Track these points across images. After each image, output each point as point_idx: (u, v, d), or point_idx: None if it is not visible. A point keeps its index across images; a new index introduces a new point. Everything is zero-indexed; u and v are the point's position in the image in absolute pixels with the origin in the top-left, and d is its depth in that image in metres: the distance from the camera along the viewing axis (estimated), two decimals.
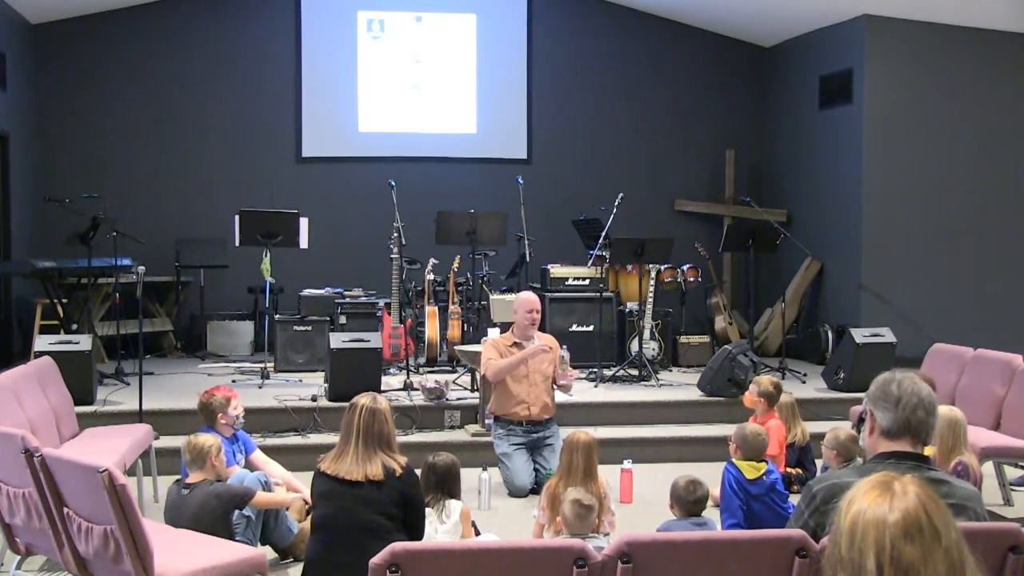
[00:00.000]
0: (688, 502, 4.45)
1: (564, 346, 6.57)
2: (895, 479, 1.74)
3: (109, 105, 10.59)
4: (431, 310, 9.14)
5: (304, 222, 8.54)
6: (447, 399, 7.55)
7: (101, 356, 8.77)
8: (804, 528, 2.74)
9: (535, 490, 6.09)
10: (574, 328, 9.13)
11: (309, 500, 4.90)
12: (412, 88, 11.15)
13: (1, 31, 9.40)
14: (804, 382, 8.63)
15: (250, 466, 5.35)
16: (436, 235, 8.83)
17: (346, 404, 4.22)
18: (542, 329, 7.04)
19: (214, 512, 4.38)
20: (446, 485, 4.69)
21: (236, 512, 4.62)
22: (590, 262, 9.44)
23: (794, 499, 3.67)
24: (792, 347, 9.98)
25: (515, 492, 6.26)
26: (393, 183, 8.58)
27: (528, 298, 6.61)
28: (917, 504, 1.69)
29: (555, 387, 6.58)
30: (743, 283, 11.09)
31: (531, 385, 6.41)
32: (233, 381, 8.20)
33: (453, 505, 4.66)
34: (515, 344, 6.49)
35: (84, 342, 7.22)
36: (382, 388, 7.56)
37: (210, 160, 10.74)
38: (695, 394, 8.04)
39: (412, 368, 8.27)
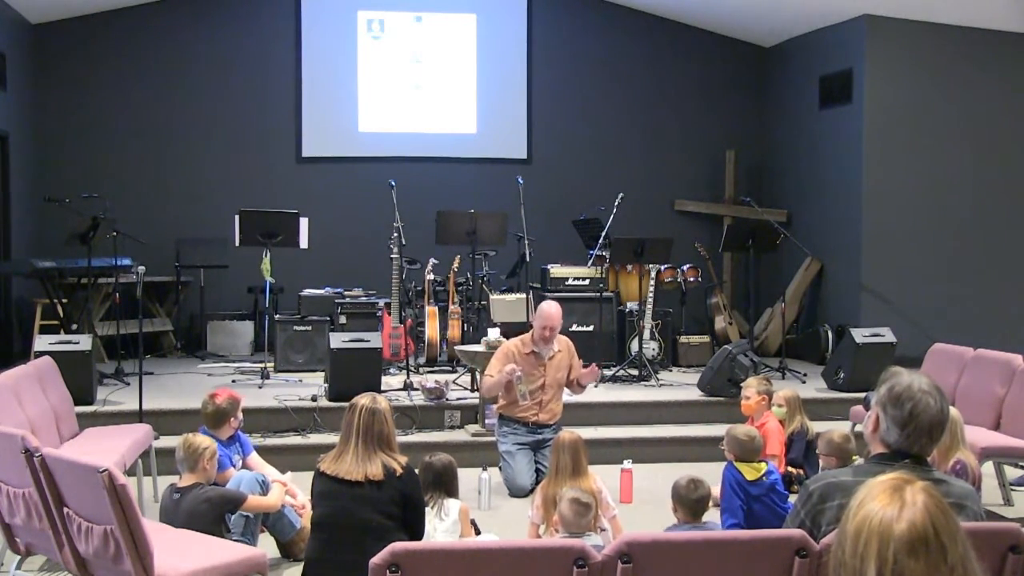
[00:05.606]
0: (690, 500, 4.43)
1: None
2: (907, 483, 1.70)
3: (109, 105, 10.60)
4: (431, 310, 9.14)
5: (304, 222, 8.54)
6: (447, 399, 7.54)
7: (101, 356, 8.76)
8: (800, 526, 2.74)
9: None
10: (574, 328, 9.11)
11: (304, 504, 4.91)
12: (412, 88, 11.15)
13: (1, 31, 9.40)
14: (804, 382, 8.62)
15: (246, 468, 5.33)
16: (436, 235, 8.83)
17: (346, 404, 4.22)
18: None
19: (205, 517, 4.36)
20: (443, 483, 4.69)
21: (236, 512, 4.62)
22: (590, 262, 9.43)
23: (794, 499, 3.67)
24: (792, 347, 9.98)
25: (516, 492, 6.26)
26: (393, 183, 8.58)
27: (548, 312, 6.40)
28: (925, 517, 1.65)
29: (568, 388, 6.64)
30: (743, 283, 11.09)
31: (543, 393, 6.41)
32: (233, 381, 8.21)
33: (451, 504, 4.66)
34: (533, 353, 6.41)
35: (84, 342, 7.21)
36: (382, 388, 7.56)
37: (210, 160, 10.73)
38: (695, 394, 8.04)
39: (412, 368, 8.27)
